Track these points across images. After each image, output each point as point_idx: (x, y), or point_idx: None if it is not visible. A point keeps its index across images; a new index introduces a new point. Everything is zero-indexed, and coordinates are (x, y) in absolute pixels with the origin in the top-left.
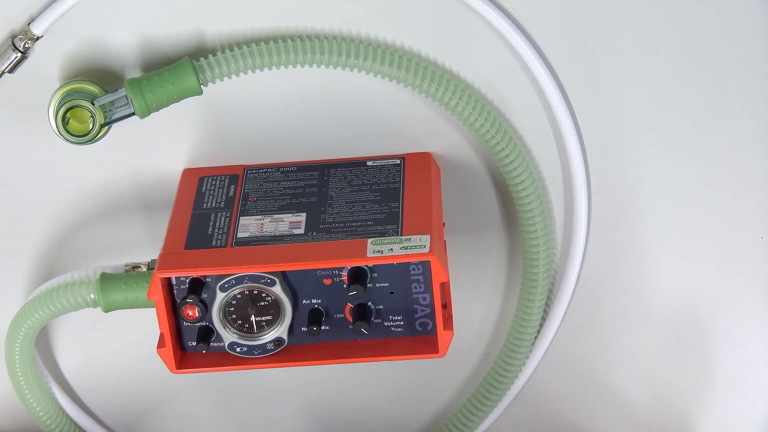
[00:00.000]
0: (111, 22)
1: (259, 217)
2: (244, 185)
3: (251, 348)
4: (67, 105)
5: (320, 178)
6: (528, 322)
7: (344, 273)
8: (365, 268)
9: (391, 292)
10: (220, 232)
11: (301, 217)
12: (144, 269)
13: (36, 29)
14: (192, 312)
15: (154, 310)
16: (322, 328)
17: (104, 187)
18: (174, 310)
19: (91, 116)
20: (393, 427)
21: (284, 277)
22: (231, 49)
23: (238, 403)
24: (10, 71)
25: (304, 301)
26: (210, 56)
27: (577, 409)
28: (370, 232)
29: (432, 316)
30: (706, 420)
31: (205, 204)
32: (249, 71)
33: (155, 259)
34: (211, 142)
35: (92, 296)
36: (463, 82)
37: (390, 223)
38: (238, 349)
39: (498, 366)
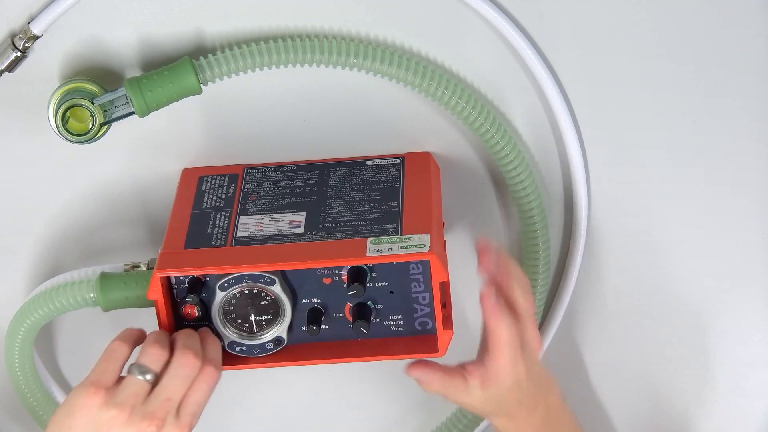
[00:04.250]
0: (110, 21)
1: (259, 216)
2: (244, 185)
3: (251, 347)
4: (67, 104)
5: (320, 177)
6: None
7: (344, 272)
8: (365, 267)
9: (391, 292)
10: (220, 231)
11: (301, 217)
12: (144, 268)
13: (35, 28)
14: (192, 311)
15: (153, 309)
16: (322, 327)
17: (104, 187)
18: (174, 309)
19: (91, 115)
20: (392, 427)
21: (284, 276)
22: (231, 49)
23: (238, 402)
24: (10, 70)
25: (303, 301)
26: (210, 55)
27: (576, 409)
28: (370, 231)
29: (432, 315)
30: (706, 420)
31: (204, 203)
32: (249, 71)
33: (155, 259)
34: (210, 141)
35: (92, 295)
36: (462, 81)
37: (389, 223)
38: (237, 349)
39: None
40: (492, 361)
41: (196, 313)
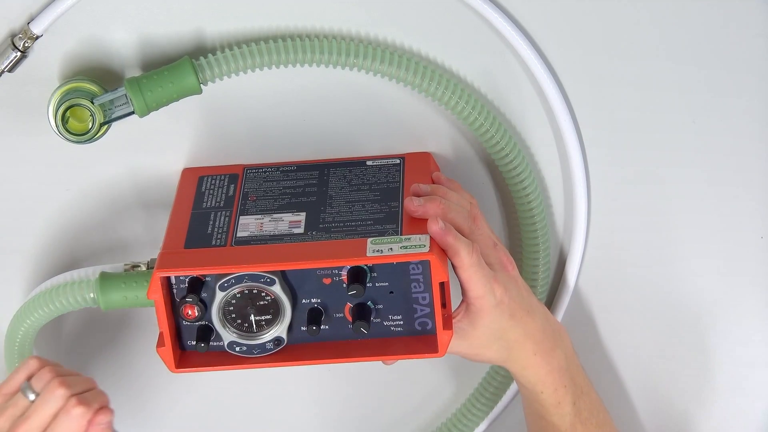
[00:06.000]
0: (110, 21)
1: (259, 216)
2: (244, 185)
3: (251, 347)
4: (67, 104)
5: (320, 177)
6: None
7: (344, 272)
8: (365, 267)
9: (391, 292)
10: (220, 231)
11: (301, 217)
12: (143, 268)
13: (36, 28)
14: (191, 311)
15: (153, 309)
16: (322, 327)
17: (104, 187)
18: (173, 309)
19: (91, 115)
20: (392, 427)
21: (284, 276)
22: (230, 49)
23: (238, 402)
24: (10, 70)
25: (303, 301)
26: (209, 55)
27: None
28: (370, 231)
29: (431, 315)
30: (706, 420)
31: (204, 203)
32: (248, 70)
33: (155, 259)
34: (210, 141)
35: (92, 295)
36: (462, 81)
37: (390, 223)
38: (237, 349)
39: (497, 365)
40: (467, 293)
41: (196, 313)
